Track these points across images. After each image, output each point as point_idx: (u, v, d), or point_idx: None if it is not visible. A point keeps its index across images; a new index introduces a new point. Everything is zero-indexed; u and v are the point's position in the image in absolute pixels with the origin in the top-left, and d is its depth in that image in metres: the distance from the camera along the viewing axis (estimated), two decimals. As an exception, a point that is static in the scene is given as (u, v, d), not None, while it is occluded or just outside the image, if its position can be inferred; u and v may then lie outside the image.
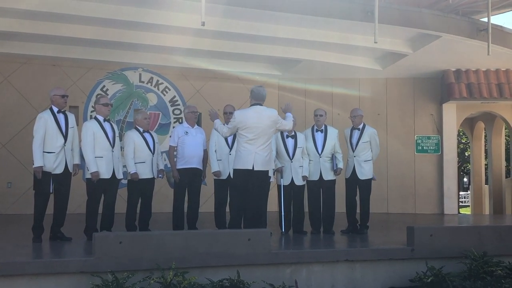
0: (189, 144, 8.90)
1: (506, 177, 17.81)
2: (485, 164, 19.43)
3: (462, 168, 33.44)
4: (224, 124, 7.99)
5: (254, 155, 7.50)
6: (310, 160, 9.20)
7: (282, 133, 9.19)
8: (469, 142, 22.17)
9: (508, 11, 14.74)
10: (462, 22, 13.33)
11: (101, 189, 7.99)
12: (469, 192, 30.66)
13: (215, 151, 8.91)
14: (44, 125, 7.53)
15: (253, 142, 7.51)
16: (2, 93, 13.61)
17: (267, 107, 7.77)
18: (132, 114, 14.31)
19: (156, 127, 14.62)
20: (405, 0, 12.62)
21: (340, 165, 9.27)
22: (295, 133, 9.17)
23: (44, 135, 7.50)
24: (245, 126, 7.51)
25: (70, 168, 7.75)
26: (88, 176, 7.95)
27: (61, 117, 7.69)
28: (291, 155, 9.09)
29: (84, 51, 13.53)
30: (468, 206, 26.27)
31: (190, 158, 8.89)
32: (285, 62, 14.91)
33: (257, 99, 7.70)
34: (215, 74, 14.97)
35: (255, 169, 7.52)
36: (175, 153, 9.06)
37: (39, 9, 11.21)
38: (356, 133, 9.40)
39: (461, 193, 32.15)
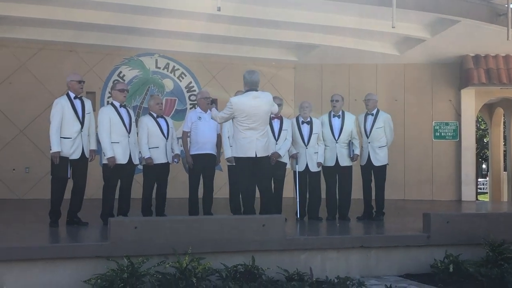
0: (202, 130, 8.89)
1: (524, 163, 17.65)
2: (504, 151, 19.26)
3: (481, 154, 33.21)
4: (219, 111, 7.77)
5: (256, 142, 7.41)
6: (326, 146, 9.17)
7: (297, 119, 9.19)
8: (487, 128, 21.98)
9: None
10: (481, 7, 13.16)
11: (117, 175, 8.03)
12: (487, 178, 30.46)
13: (228, 137, 8.87)
14: (61, 110, 7.56)
15: (254, 129, 7.39)
16: (19, 78, 13.72)
17: (262, 91, 7.63)
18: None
19: (172, 113, 14.66)
20: (423, -17, 12.49)
21: (357, 151, 9.22)
22: (310, 119, 9.14)
23: (61, 121, 7.54)
24: (243, 113, 7.36)
25: (87, 154, 7.79)
26: (104, 161, 8.00)
27: (77, 103, 7.72)
28: (306, 141, 9.07)
29: (100, 36, 13.59)
30: (487, 192, 26.10)
31: (203, 144, 8.88)
32: (301, 47, 14.86)
33: (251, 85, 7.51)
34: (231, 60, 14.96)
35: (257, 156, 7.44)
36: (188, 138, 9.08)
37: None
38: (370, 119, 9.36)
39: (479, 179, 31.93)
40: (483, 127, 30.46)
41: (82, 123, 7.69)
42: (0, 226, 8.01)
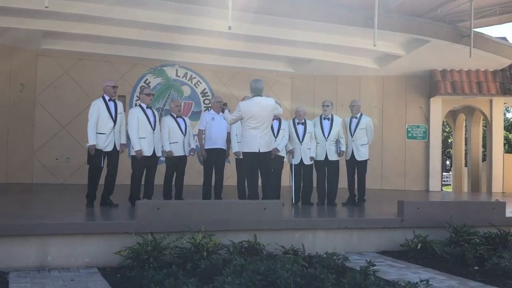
0: (215, 128, 8.86)
1: (482, 161, 17.61)
2: (465, 150, 19.22)
3: (445, 152, 33.15)
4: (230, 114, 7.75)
5: (259, 139, 7.33)
6: (317, 144, 9.14)
7: (294, 121, 9.16)
8: (451, 131, 21.91)
9: (489, 25, 14.51)
10: (448, 29, 13.15)
11: (143, 165, 7.99)
12: (450, 173, 30.36)
13: (236, 135, 8.84)
14: (97, 110, 7.53)
15: (258, 128, 7.30)
16: (63, 83, 13.71)
17: (265, 97, 7.55)
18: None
19: (189, 114, 14.63)
20: (400, 9, 12.42)
21: (343, 148, 9.20)
22: (304, 120, 9.12)
23: (97, 119, 7.49)
24: (249, 115, 7.29)
25: (118, 147, 7.74)
26: (133, 153, 7.97)
27: (111, 104, 7.67)
28: (301, 139, 9.04)
29: (130, 49, 13.56)
30: (450, 184, 26.02)
31: (216, 140, 8.85)
32: (298, 61, 14.82)
33: (256, 91, 7.44)
34: (239, 70, 14.92)
35: (260, 151, 7.36)
36: (203, 135, 9.05)
37: (93, 14, 11.25)
38: (354, 121, 9.33)
39: (444, 173, 31.84)
40: (447, 130, 30.42)
41: (114, 121, 7.64)
42: (45, 206, 8.03)
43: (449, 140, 31.07)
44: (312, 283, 4.63)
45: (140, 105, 8.14)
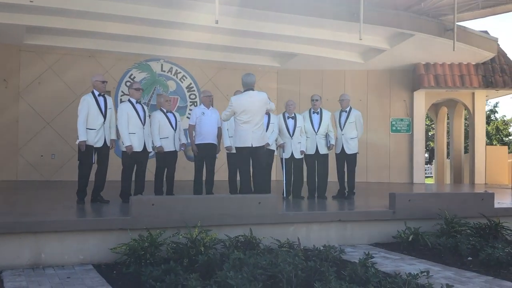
0: (206, 123, 8.78)
1: (465, 153, 17.82)
2: (447, 142, 19.43)
3: (426, 145, 33.52)
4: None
5: (252, 134, 7.24)
6: (307, 137, 9.12)
7: (284, 115, 9.12)
8: (432, 124, 22.11)
9: (472, 19, 14.61)
10: (432, 23, 13.23)
11: (134, 160, 7.88)
12: (429, 165, 30.74)
13: (227, 129, 8.79)
14: (87, 106, 7.37)
15: (249, 122, 7.22)
16: (46, 79, 13.48)
17: (258, 91, 7.46)
18: (155, 98, 14.27)
19: (175, 109, 14.48)
20: (385, 3, 12.46)
21: (332, 141, 9.20)
22: (295, 115, 9.09)
23: (87, 115, 7.35)
24: (241, 109, 7.20)
25: (108, 143, 7.61)
26: (123, 149, 7.85)
27: (101, 99, 7.52)
28: (291, 133, 9.02)
29: (115, 44, 13.40)
30: (431, 176, 26.32)
31: (206, 135, 8.78)
32: (284, 55, 14.79)
33: (247, 85, 7.35)
34: (225, 65, 14.85)
35: (253, 146, 7.29)
36: (193, 130, 8.97)
37: (77, 8, 11.06)
38: (343, 115, 9.32)
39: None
40: (427, 123, 30.72)
41: (104, 117, 7.49)
42: (35, 203, 7.85)
43: (430, 133, 31.41)
44: (312, 276, 4.60)
45: (129, 100, 8.02)
